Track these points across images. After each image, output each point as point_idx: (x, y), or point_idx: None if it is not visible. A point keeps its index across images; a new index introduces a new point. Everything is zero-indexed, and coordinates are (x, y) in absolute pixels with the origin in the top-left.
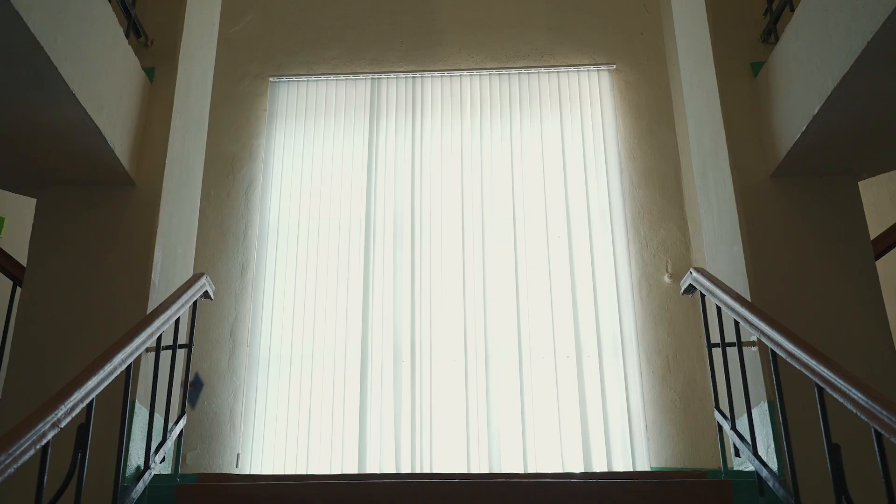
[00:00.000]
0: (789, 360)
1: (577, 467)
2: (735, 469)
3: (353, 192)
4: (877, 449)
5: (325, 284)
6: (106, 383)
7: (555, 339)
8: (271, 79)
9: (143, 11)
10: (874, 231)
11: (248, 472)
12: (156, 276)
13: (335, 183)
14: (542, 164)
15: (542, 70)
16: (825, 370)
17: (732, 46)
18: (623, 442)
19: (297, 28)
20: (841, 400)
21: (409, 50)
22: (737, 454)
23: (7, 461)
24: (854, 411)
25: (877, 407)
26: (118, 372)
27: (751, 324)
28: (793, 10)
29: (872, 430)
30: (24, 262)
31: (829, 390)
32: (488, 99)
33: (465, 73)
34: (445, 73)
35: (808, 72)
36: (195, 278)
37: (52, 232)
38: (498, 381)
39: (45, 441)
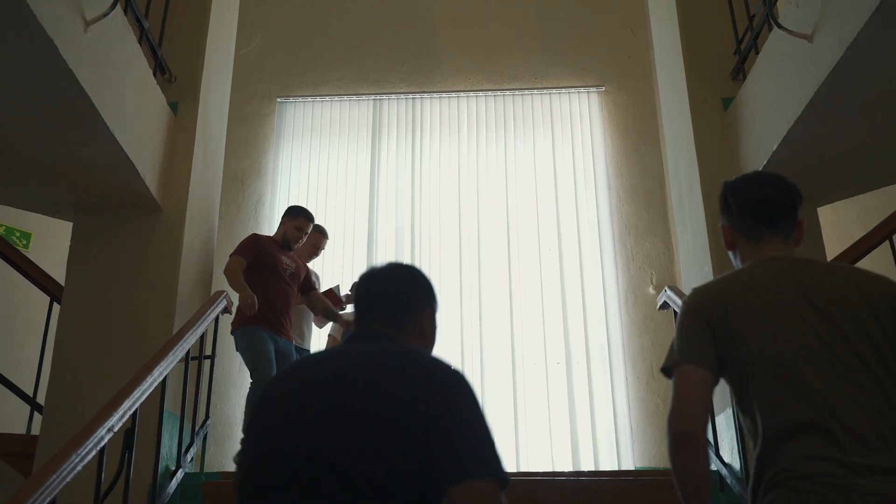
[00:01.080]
0: None
1: (566, 466)
2: None
3: (356, 207)
4: None
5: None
6: (147, 393)
7: (546, 347)
8: (279, 99)
9: (166, 50)
10: (841, 247)
11: None
12: (181, 292)
13: (339, 198)
14: (535, 181)
15: (535, 92)
16: None
17: (705, 82)
18: (609, 443)
19: (302, 51)
20: None
21: (410, 72)
22: None
23: (76, 460)
24: None
25: None
26: (157, 383)
27: None
28: (757, 52)
29: None
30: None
31: None
32: (484, 119)
33: (462, 94)
34: (444, 95)
35: (768, 112)
36: (216, 296)
37: (87, 253)
38: (492, 385)
39: (102, 444)
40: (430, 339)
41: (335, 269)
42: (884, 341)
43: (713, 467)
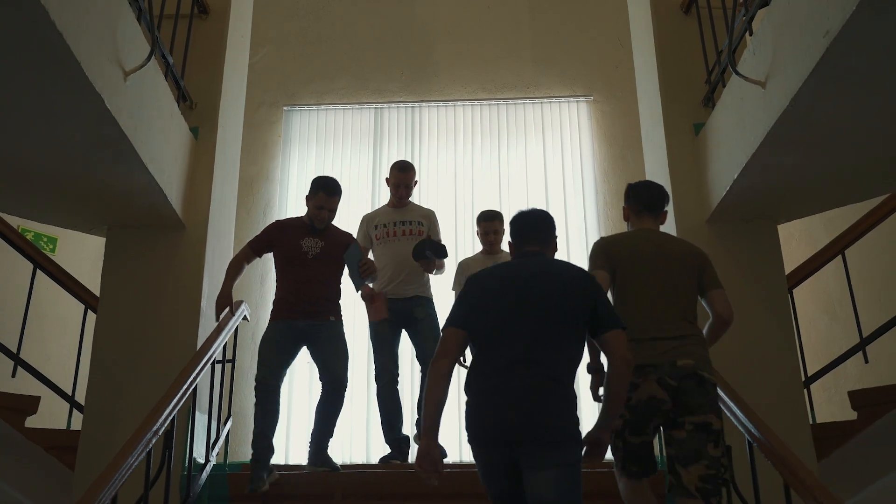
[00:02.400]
0: None
1: None
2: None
3: (359, 210)
4: (748, 449)
5: None
6: (184, 399)
7: None
8: (285, 108)
9: (187, 79)
10: (807, 251)
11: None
12: (204, 302)
13: (344, 202)
14: (527, 185)
15: (527, 101)
16: (724, 394)
17: (679, 107)
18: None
19: (307, 61)
20: (730, 416)
21: (409, 81)
22: None
23: (132, 461)
24: (736, 424)
25: (748, 422)
26: (191, 389)
27: None
28: (724, 85)
29: (746, 441)
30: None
31: (725, 409)
32: (479, 126)
33: (458, 103)
34: (441, 104)
35: (730, 143)
36: (236, 305)
37: (119, 267)
38: None
39: (150, 446)
40: (555, 253)
41: None
42: (690, 280)
43: None
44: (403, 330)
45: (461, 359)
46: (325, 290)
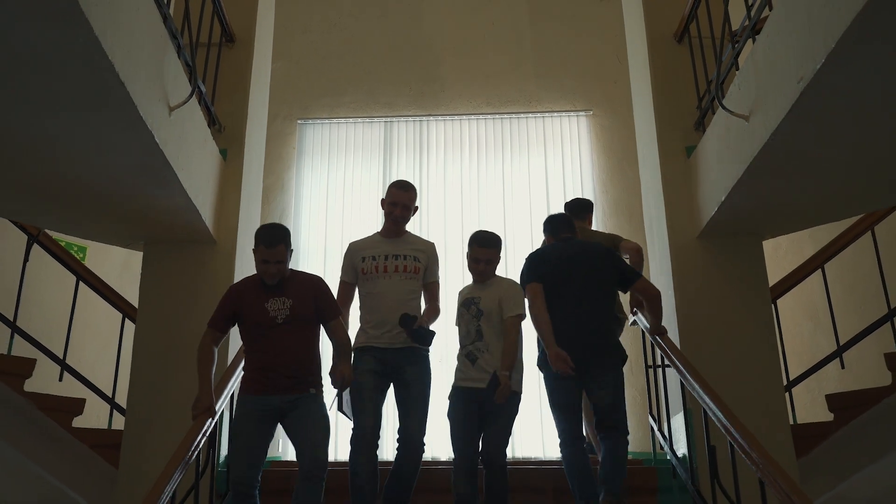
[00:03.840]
0: (688, 387)
1: (555, 454)
2: (661, 458)
3: (370, 219)
4: (729, 449)
5: None
6: (224, 402)
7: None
8: (299, 121)
9: (216, 103)
10: (795, 261)
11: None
12: None
13: (355, 211)
14: (529, 195)
15: (530, 115)
16: (706, 398)
17: (672, 130)
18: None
19: (319, 76)
20: (714, 419)
21: (417, 96)
22: (662, 448)
23: (190, 457)
24: (718, 426)
25: (729, 425)
26: (229, 395)
27: (668, 354)
28: (713, 112)
29: (728, 441)
30: None
31: (709, 412)
32: (484, 139)
33: (464, 117)
34: (448, 118)
35: (718, 168)
36: None
37: (155, 279)
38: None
39: (200, 445)
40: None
41: None
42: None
43: (670, 458)
44: (392, 384)
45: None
46: (302, 357)
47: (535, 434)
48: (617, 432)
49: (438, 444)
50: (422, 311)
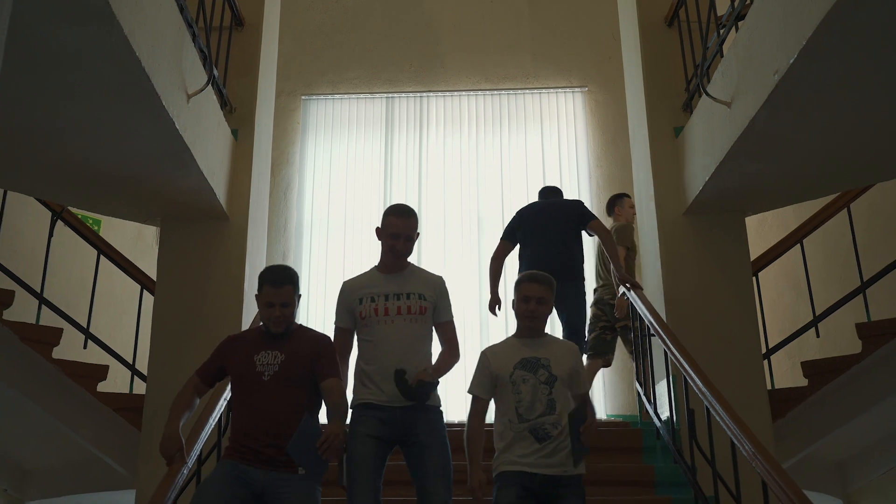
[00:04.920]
0: (671, 356)
1: None
2: (646, 421)
3: (372, 193)
4: (706, 413)
5: (351, 267)
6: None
7: None
8: (303, 97)
9: (226, 85)
10: (779, 234)
11: None
12: (246, 285)
13: (358, 184)
14: (526, 169)
15: (527, 91)
16: (686, 366)
17: (661, 111)
18: None
19: (323, 53)
20: (693, 385)
21: (417, 72)
22: (647, 411)
23: (211, 423)
24: (696, 392)
25: (705, 390)
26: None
27: (654, 327)
28: (700, 96)
29: (704, 405)
30: None
31: (688, 378)
32: (482, 115)
33: (463, 93)
34: (447, 94)
35: (702, 150)
36: None
37: (173, 254)
38: (489, 340)
39: (220, 413)
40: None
41: (355, 247)
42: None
43: (654, 421)
44: (400, 447)
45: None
46: (288, 423)
47: None
48: (576, 336)
49: None
50: (432, 353)
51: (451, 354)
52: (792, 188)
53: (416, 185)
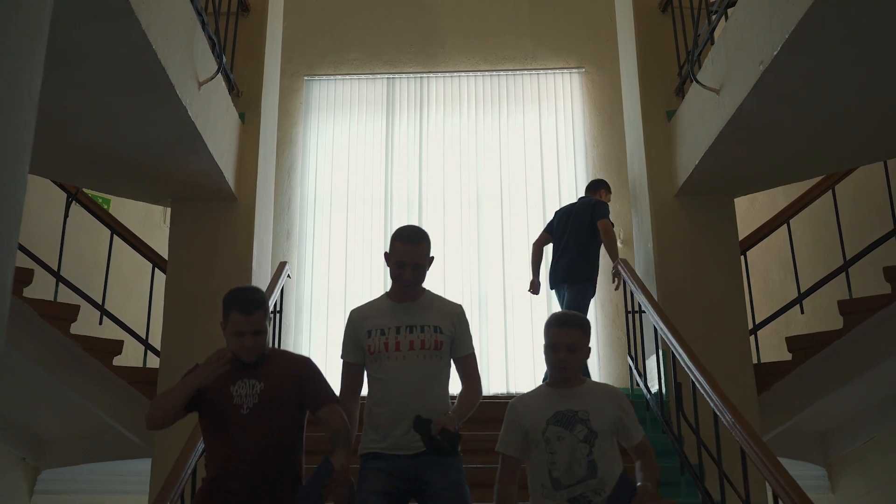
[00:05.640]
0: (660, 331)
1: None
2: (637, 392)
3: (374, 172)
4: (692, 387)
5: (353, 243)
6: None
7: None
8: (306, 77)
9: (233, 70)
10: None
11: None
12: (254, 263)
13: (360, 163)
14: (524, 149)
15: (525, 72)
16: (674, 341)
17: (654, 95)
18: None
19: (325, 34)
20: (680, 359)
21: (418, 54)
22: (638, 384)
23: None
24: (683, 366)
25: (691, 365)
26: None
27: (644, 304)
28: (692, 81)
29: (690, 379)
30: None
31: (676, 354)
32: (482, 95)
33: (463, 74)
34: (447, 74)
35: (693, 134)
36: (281, 266)
37: (183, 234)
38: (487, 317)
39: None
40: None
41: (357, 224)
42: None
43: (644, 393)
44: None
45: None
46: (271, 461)
47: (527, 369)
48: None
49: None
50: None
51: (472, 393)
52: (779, 171)
53: (416, 164)
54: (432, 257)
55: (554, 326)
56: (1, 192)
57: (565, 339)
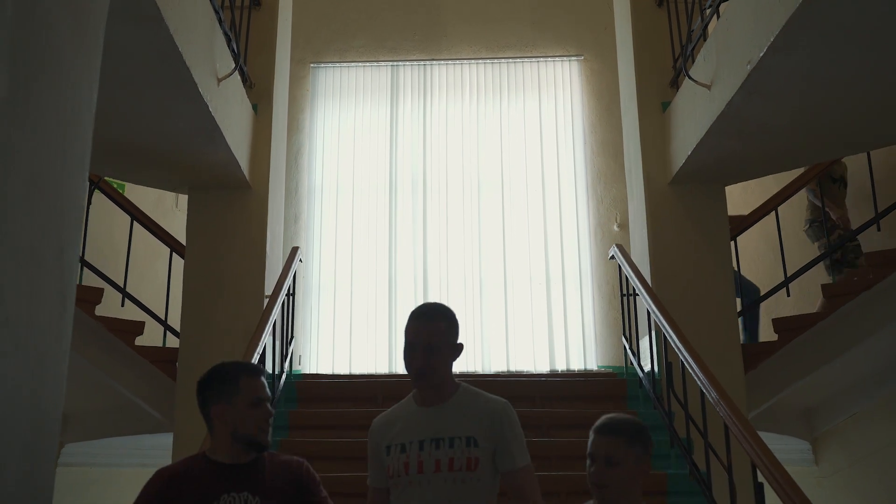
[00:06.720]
0: (652, 313)
1: (544, 366)
2: (631, 371)
3: (378, 157)
4: (682, 367)
5: (359, 227)
6: (271, 325)
7: (530, 270)
8: (312, 65)
9: (246, 62)
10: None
11: (313, 372)
12: (268, 249)
13: (365, 150)
14: (524, 136)
15: (526, 60)
16: (665, 323)
17: (650, 86)
18: (578, 347)
19: (330, 22)
20: (670, 340)
21: (421, 41)
22: (631, 363)
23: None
24: (673, 347)
25: (681, 345)
26: (275, 317)
27: (638, 288)
28: (685, 74)
29: (679, 359)
30: None
31: (667, 335)
32: (483, 83)
33: (465, 61)
34: (450, 62)
35: (685, 126)
36: (294, 252)
37: (201, 220)
38: (487, 300)
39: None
40: None
41: (362, 209)
42: None
43: (637, 372)
44: None
45: None
46: None
47: (527, 350)
48: None
49: None
50: None
51: None
52: (767, 162)
53: (420, 149)
54: (461, 344)
55: (594, 433)
56: (66, 197)
57: (603, 449)
